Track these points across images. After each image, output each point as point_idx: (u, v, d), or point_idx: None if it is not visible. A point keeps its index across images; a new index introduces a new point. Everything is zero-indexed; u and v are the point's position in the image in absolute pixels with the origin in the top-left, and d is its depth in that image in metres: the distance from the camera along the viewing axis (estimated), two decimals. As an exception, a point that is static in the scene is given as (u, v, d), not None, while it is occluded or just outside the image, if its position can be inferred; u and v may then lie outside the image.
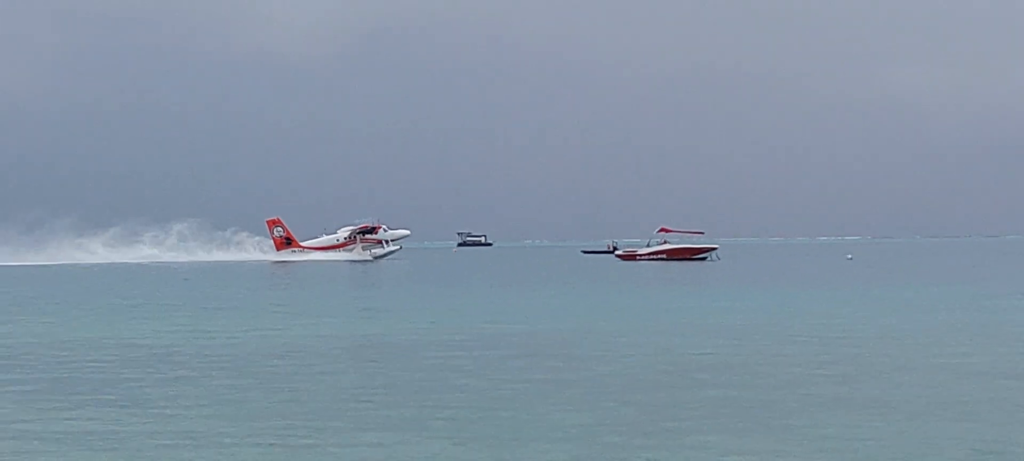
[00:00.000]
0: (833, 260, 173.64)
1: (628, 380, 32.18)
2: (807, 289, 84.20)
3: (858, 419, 25.22)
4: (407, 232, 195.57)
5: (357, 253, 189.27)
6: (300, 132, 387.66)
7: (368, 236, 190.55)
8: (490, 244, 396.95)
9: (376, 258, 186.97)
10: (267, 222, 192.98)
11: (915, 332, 46.52)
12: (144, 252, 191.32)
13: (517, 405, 27.64)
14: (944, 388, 29.94)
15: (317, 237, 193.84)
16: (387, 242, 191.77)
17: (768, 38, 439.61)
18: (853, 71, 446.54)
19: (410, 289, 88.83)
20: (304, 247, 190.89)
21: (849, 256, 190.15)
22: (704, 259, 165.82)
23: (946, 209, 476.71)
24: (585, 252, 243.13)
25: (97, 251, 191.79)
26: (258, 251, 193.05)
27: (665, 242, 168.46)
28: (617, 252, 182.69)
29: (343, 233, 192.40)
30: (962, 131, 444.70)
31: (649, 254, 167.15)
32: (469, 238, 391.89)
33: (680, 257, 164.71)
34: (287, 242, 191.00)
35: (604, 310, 61.80)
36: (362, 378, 33.17)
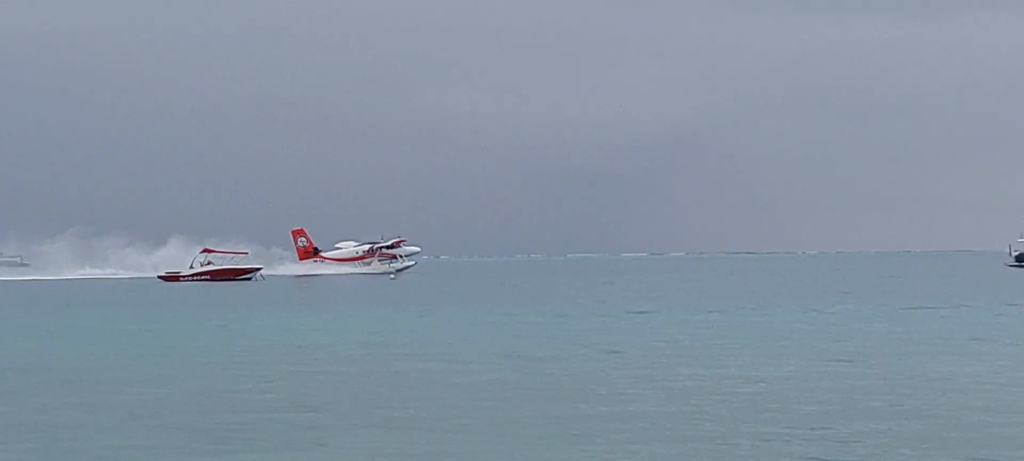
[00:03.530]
0: (379, 280, 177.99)
1: (164, 404, 33.24)
2: (342, 311, 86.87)
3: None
4: (418, 248, 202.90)
5: (375, 267, 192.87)
6: None
7: (387, 251, 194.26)
8: (27, 265, 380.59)
9: (398, 272, 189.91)
10: (292, 232, 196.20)
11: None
12: None
13: (50, 431, 28.26)
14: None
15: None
16: (402, 256, 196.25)
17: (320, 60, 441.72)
18: (398, 94, 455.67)
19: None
20: (326, 258, 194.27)
21: (391, 276, 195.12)
22: (248, 279, 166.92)
23: (505, 231, 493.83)
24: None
25: None
26: None
27: (209, 262, 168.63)
28: (160, 274, 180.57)
29: (349, 246, 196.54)
30: (514, 155, 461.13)
31: (193, 275, 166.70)
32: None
33: (224, 278, 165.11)
34: (315, 251, 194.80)
35: (143, 334, 62.20)
36: None
